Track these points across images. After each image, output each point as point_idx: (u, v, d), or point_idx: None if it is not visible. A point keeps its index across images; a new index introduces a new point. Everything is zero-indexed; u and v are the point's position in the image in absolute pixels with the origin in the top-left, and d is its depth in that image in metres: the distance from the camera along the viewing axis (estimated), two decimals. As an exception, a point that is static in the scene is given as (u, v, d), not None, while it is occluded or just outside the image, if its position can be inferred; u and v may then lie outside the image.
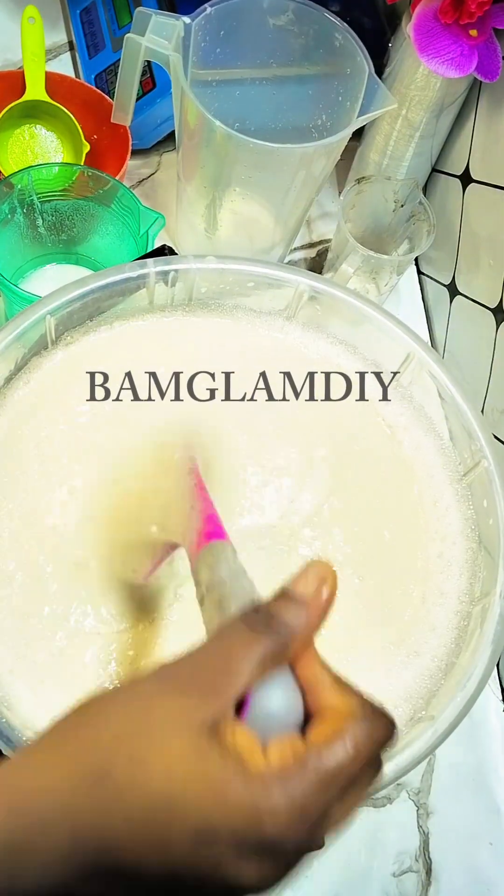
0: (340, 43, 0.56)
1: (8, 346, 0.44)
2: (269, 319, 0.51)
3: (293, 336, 0.51)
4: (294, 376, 0.49)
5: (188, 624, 0.41)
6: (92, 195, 0.60)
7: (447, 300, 0.70)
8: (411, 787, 0.56)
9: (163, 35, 0.53)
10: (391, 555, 0.46)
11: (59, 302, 0.45)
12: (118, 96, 0.59)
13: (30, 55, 0.65)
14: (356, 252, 0.63)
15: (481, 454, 0.47)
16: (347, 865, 0.53)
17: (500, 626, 0.42)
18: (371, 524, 0.47)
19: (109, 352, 0.48)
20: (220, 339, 0.50)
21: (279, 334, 0.51)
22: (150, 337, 0.49)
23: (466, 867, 0.55)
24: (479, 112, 0.64)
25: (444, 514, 0.48)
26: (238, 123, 0.54)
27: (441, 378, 0.49)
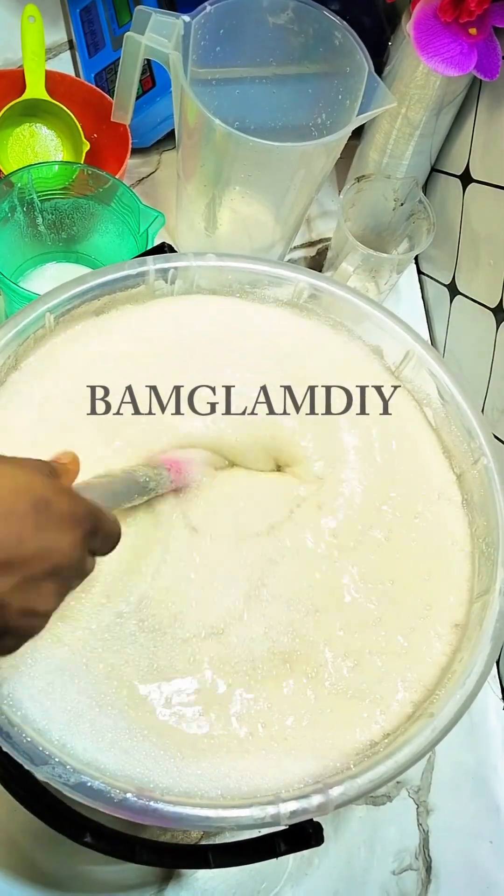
0: (340, 41, 0.56)
1: (8, 342, 0.44)
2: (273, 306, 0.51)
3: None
4: (298, 363, 0.49)
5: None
6: (92, 194, 0.60)
7: (447, 300, 0.70)
8: (411, 784, 0.56)
9: (162, 33, 0.53)
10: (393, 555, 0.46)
11: (59, 299, 0.45)
12: (118, 95, 0.59)
13: (30, 54, 0.65)
14: (356, 250, 0.63)
15: (481, 453, 0.47)
16: (347, 863, 0.53)
17: (499, 623, 0.42)
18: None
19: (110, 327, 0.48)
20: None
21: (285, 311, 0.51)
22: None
23: (466, 865, 0.55)
24: (478, 111, 0.64)
25: (444, 512, 0.48)
26: (238, 122, 0.54)
27: (441, 376, 0.49)
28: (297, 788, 0.39)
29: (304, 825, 0.39)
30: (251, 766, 0.40)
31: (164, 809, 0.37)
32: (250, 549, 0.44)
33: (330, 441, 0.48)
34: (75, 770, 0.37)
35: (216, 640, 0.42)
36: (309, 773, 0.40)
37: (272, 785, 0.39)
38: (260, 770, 0.40)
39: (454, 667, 0.43)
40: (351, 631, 0.44)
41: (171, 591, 0.43)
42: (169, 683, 0.41)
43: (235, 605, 0.43)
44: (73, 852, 0.49)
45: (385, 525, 0.47)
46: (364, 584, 0.45)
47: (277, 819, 0.38)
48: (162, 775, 0.38)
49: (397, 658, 0.44)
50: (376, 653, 0.43)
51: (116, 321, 0.48)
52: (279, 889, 0.52)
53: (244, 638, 0.42)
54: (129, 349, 0.48)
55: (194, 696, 0.41)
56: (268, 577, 0.44)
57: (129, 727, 0.39)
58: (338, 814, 0.54)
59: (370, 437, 0.48)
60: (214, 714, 0.41)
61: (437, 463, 0.49)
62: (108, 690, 0.40)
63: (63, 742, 0.38)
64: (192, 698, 0.41)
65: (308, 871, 0.52)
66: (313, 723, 0.41)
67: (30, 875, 0.49)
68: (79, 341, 0.47)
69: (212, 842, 0.51)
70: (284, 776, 0.40)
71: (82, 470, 0.37)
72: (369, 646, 0.44)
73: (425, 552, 0.46)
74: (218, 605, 0.43)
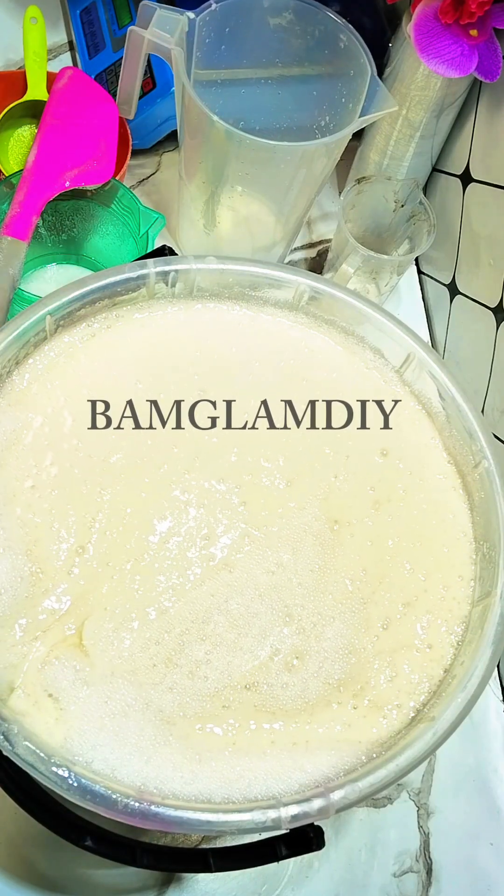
0: (345, 44, 0.56)
1: (8, 345, 0.44)
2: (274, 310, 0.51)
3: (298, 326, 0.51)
4: (300, 365, 0.49)
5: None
6: (92, 195, 0.60)
7: (447, 300, 0.70)
8: (412, 787, 0.56)
9: (166, 29, 0.53)
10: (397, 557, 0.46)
11: (59, 302, 0.45)
12: (122, 89, 0.60)
13: (32, 55, 0.65)
14: (356, 252, 0.63)
15: (481, 454, 0.47)
16: (348, 865, 0.53)
17: (500, 626, 0.42)
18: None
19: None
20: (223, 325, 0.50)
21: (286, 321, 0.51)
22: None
23: (467, 867, 0.55)
24: (479, 112, 0.63)
25: (443, 517, 0.48)
26: (242, 122, 0.54)
27: (441, 378, 0.49)
28: (298, 792, 0.39)
29: (304, 829, 0.39)
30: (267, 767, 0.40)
31: (165, 814, 0.37)
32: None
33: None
34: (77, 774, 0.37)
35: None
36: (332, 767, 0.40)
37: (284, 788, 0.39)
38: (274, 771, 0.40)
39: (455, 670, 0.43)
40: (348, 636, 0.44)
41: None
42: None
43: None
44: (73, 856, 0.49)
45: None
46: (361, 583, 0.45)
47: (278, 823, 0.38)
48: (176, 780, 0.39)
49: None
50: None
51: (114, 336, 0.48)
52: (280, 892, 0.52)
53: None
54: (126, 369, 0.48)
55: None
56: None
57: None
58: (338, 816, 0.54)
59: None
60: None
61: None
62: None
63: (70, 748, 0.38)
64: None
65: (309, 874, 0.52)
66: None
67: (30, 878, 0.49)
68: (75, 357, 0.47)
69: (212, 845, 0.51)
70: (303, 777, 0.40)
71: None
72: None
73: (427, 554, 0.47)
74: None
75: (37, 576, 0.42)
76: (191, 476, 0.46)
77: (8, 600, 0.41)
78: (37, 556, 0.42)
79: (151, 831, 0.49)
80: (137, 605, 0.42)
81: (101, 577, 0.43)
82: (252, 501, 0.46)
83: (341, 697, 0.42)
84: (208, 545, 0.44)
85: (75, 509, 0.44)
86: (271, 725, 0.41)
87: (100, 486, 0.44)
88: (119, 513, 0.44)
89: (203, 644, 0.42)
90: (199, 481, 0.46)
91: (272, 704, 0.42)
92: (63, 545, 0.43)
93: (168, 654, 0.42)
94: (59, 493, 0.44)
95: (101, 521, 0.44)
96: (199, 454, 0.46)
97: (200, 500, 0.45)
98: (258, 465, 0.47)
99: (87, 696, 0.40)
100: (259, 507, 0.46)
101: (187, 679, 0.41)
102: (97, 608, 0.42)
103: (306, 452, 0.48)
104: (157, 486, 0.45)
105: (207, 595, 0.43)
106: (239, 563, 0.44)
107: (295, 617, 0.44)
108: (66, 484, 0.44)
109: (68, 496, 0.44)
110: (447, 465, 0.49)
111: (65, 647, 0.41)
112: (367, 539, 0.46)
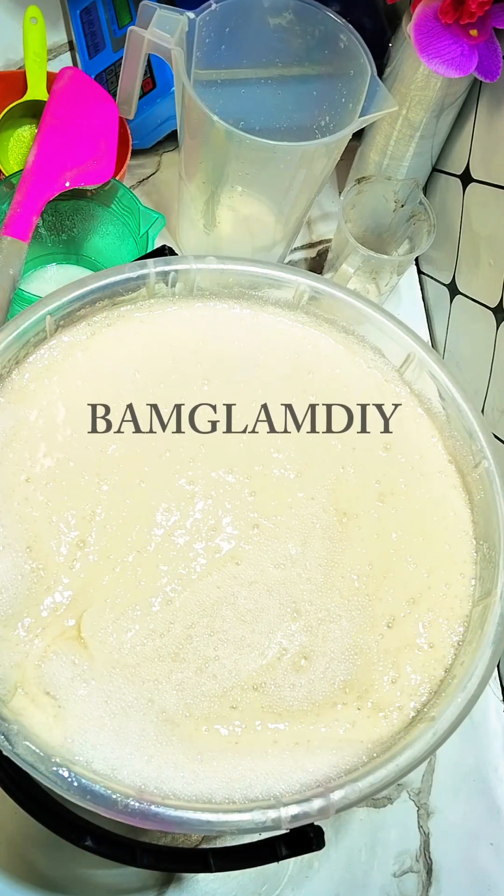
0: (345, 44, 0.56)
1: (8, 345, 0.44)
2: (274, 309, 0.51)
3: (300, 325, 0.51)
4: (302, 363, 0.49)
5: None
6: (92, 195, 0.60)
7: (447, 300, 0.70)
8: (412, 787, 0.56)
9: (166, 29, 0.53)
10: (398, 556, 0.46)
11: (59, 302, 0.45)
12: (122, 89, 0.60)
13: (32, 55, 0.65)
14: (356, 252, 0.63)
15: (481, 454, 0.47)
16: (348, 865, 0.53)
17: (500, 626, 0.42)
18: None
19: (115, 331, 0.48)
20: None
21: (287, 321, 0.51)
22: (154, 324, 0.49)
23: (467, 867, 0.55)
24: (479, 112, 0.63)
25: (444, 514, 0.48)
26: (242, 122, 0.54)
27: (441, 378, 0.49)
28: (299, 792, 0.39)
29: (304, 829, 0.39)
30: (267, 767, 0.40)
31: (165, 814, 0.37)
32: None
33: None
34: (77, 774, 0.37)
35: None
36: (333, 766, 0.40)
37: (284, 788, 0.39)
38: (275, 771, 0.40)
39: (455, 670, 0.43)
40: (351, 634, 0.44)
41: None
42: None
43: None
44: (73, 856, 0.49)
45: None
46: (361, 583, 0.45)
47: (278, 823, 0.38)
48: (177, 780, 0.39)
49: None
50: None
51: (114, 335, 0.48)
52: (280, 892, 0.52)
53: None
54: (126, 369, 0.48)
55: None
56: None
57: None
58: (338, 816, 0.54)
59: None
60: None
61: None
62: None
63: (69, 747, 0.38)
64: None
65: (309, 874, 0.52)
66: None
67: (29, 878, 0.49)
68: (74, 356, 0.47)
69: (212, 845, 0.51)
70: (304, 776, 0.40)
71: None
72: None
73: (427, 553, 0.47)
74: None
75: (38, 573, 0.42)
76: (196, 465, 0.46)
77: (10, 598, 0.41)
78: (37, 552, 0.42)
79: (151, 831, 0.49)
80: (140, 595, 0.42)
81: (102, 569, 0.42)
82: (262, 491, 0.46)
83: (346, 698, 0.42)
84: (215, 536, 0.44)
85: (74, 501, 0.43)
86: (276, 726, 0.41)
87: (98, 477, 0.44)
88: (119, 504, 0.44)
89: (211, 638, 0.42)
90: (206, 471, 0.46)
91: (279, 705, 0.42)
92: (63, 539, 0.43)
93: (175, 647, 0.42)
94: (54, 486, 0.43)
95: (100, 514, 0.43)
96: (204, 443, 0.46)
97: (207, 491, 0.45)
98: (269, 455, 0.47)
99: (87, 695, 0.40)
100: (269, 496, 0.46)
101: (195, 675, 0.41)
102: (97, 599, 0.42)
103: (315, 443, 0.48)
104: (160, 476, 0.45)
105: (214, 587, 0.43)
106: (247, 556, 0.44)
107: (303, 613, 0.44)
108: (62, 476, 0.44)
109: (66, 488, 0.44)
110: (447, 464, 0.49)
111: (63, 641, 0.40)
112: (374, 532, 0.46)
